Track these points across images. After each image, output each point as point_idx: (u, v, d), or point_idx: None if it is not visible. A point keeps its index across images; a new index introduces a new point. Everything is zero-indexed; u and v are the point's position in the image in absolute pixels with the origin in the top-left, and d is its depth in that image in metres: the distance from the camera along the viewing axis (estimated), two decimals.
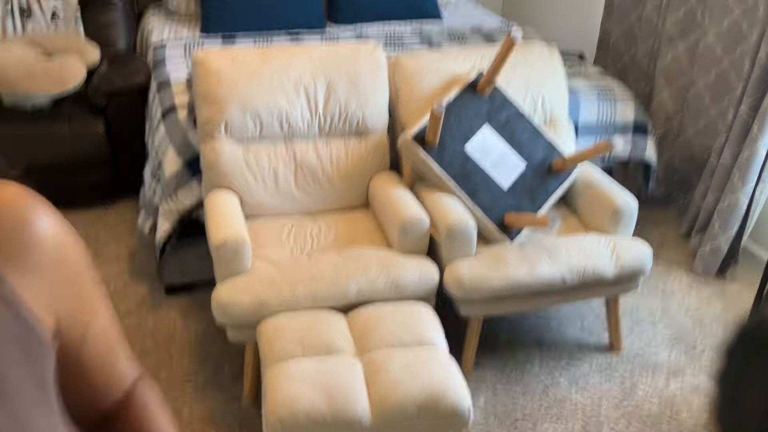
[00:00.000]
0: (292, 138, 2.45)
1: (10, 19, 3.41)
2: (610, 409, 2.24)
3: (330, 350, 1.86)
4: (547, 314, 2.69)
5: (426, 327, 1.95)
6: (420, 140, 2.32)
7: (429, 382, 1.75)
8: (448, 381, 1.76)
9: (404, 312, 2.00)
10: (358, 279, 2.09)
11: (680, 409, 2.26)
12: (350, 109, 2.46)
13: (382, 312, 2.00)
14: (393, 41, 3.43)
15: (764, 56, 2.69)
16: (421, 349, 1.87)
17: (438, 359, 1.83)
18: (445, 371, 1.79)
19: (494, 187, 2.36)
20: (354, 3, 3.75)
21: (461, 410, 1.73)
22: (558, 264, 2.20)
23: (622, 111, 2.95)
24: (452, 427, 1.76)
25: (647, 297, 2.82)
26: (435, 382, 1.75)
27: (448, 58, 2.57)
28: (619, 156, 2.99)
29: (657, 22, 3.40)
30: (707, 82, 3.09)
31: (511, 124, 2.46)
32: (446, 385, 1.75)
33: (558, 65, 2.68)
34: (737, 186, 2.80)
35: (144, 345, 2.46)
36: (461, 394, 1.75)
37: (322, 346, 1.86)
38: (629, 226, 2.37)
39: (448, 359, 1.85)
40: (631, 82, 3.67)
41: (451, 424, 1.75)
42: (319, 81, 2.43)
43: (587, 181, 2.49)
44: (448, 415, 1.73)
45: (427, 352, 1.86)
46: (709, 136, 3.16)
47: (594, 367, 2.42)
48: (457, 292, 2.16)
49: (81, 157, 3.21)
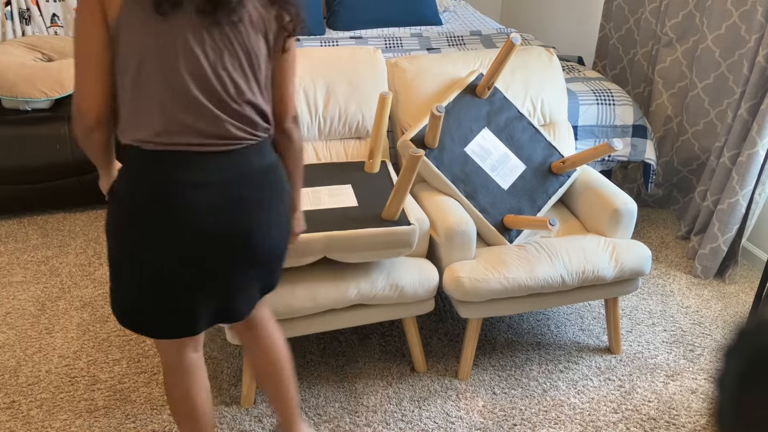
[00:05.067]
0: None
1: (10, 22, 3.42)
2: (609, 412, 2.24)
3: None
4: (547, 316, 2.69)
5: None
6: (420, 142, 2.33)
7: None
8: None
9: None
10: (357, 281, 2.10)
11: (679, 411, 2.26)
12: (350, 111, 2.46)
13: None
14: (392, 46, 3.44)
15: (763, 60, 2.69)
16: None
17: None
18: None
19: (494, 188, 2.37)
20: (353, 9, 3.76)
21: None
22: (557, 265, 2.20)
23: (621, 114, 2.96)
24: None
25: (646, 298, 2.82)
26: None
27: (448, 61, 2.58)
28: (619, 158, 3.00)
29: (655, 26, 3.40)
30: (706, 85, 3.10)
31: (510, 126, 2.47)
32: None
33: (557, 68, 2.68)
34: (736, 188, 2.81)
35: (143, 346, 2.46)
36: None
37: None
38: (629, 227, 2.37)
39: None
40: (630, 85, 3.67)
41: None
42: (318, 83, 2.43)
43: (587, 183, 2.49)
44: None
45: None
46: (708, 138, 3.17)
47: (593, 369, 2.42)
48: (456, 294, 2.16)
49: (80, 159, 3.22)
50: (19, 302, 2.70)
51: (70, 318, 2.61)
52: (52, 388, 2.27)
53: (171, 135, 1.37)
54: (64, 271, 2.88)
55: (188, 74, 1.35)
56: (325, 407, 2.22)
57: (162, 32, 1.32)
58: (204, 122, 1.39)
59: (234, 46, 1.39)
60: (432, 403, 2.25)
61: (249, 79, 1.44)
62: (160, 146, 1.38)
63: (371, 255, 2.04)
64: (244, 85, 1.42)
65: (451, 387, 2.32)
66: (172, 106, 1.36)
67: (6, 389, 2.26)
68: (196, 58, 1.35)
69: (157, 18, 1.31)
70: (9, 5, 3.38)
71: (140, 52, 1.33)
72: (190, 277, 1.44)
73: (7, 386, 2.28)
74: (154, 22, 1.31)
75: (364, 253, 2.02)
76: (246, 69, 1.42)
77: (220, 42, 1.37)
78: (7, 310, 2.65)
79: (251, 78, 1.44)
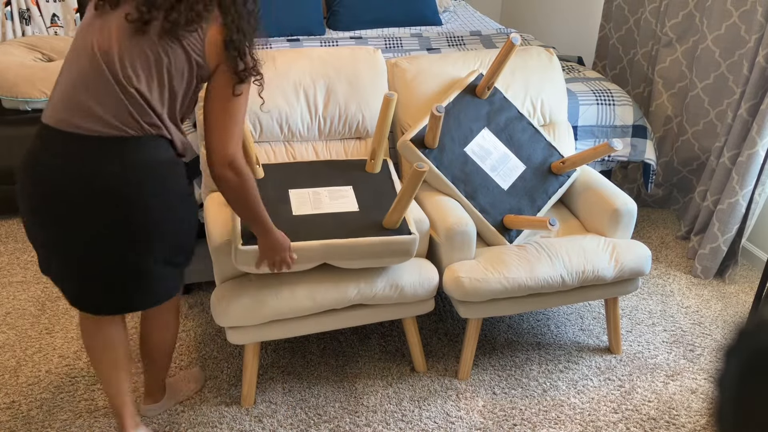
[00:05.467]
0: (292, 140, 2.45)
1: (10, 22, 3.42)
2: (609, 412, 2.24)
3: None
4: (547, 316, 2.70)
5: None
6: (420, 142, 2.33)
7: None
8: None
9: None
10: (357, 280, 2.10)
11: (679, 411, 2.26)
12: (350, 111, 2.46)
13: None
14: (392, 46, 3.44)
15: (762, 60, 2.70)
16: None
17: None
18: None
19: (494, 188, 2.37)
20: (353, 9, 3.76)
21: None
22: (557, 265, 2.20)
23: (621, 114, 2.96)
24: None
25: (646, 298, 2.83)
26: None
27: (448, 61, 2.58)
28: (619, 158, 3.00)
29: (655, 26, 3.40)
30: (706, 85, 3.10)
31: (510, 126, 2.47)
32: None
33: (557, 69, 2.68)
34: (736, 188, 2.81)
35: None
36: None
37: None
38: (628, 227, 2.37)
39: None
40: (630, 85, 3.67)
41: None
42: (318, 83, 2.43)
43: (587, 183, 2.49)
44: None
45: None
46: (708, 138, 3.17)
47: (593, 369, 2.42)
48: (456, 294, 2.16)
49: None
50: (19, 302, 2.70)
51: (70, 318, 2.61)
52: (53, 388, 2.27)
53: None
54: None
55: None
56: (325, 407, 2.22)
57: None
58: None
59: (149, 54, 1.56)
60: (432, 403, 2.25)
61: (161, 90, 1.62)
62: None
63: (371, 262, 2.04)
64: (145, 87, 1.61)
65: (451, 387, 2.32)
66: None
67: (6, 389, 2.26)
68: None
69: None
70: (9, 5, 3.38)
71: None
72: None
73: (7, 386, 2.28)
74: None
75: (364, 260, 2.03)
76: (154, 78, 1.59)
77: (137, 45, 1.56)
78: (7, 310, 2.65)
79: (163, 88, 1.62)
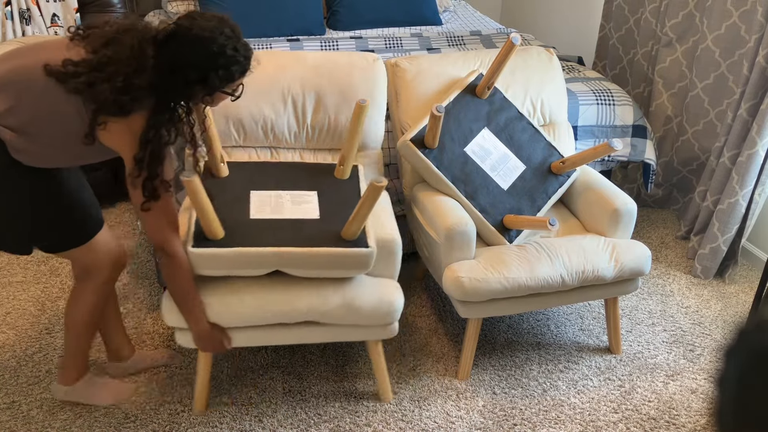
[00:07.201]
0: (278, 148, 2.40)
1: (10, 22, 3.41)
2: (609, 412, 2.24)
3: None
4: (547, 316, 2.70)
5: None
6: (419, 142, 2.33)
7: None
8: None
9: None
10: (309, 294, 2.01)
11: (679, 411, 2.26)
12: (339, 122, 2.37)
13: None
14: (392, 46, 3.44)
15: (762, 60, 2.70)
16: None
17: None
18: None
19: (494, 188, 2.37)
20: (353, 9, 3.76)
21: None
22: (557, 265, 2.20)
23: (621, 114, 2.96)
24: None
25: (646, 298, 2.83)
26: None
27: (447, 61, 2.57)
28: (619, 158, 3.00)
29: (655, 26, 3.40)
30: (706, 85, 3.10)
31: (510, 126, 2.47)
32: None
33: (557, 68, 2.68)
34: (736, 188, 2.81)
35: (143, 346, 2.46)
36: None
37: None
38: (628, 227, 2.37)
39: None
40: (630, 85, 3.67)
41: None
42: (308, 92, 2.36)
43: (587, 183, 2.49)
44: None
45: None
46: (708, 138, 3.17)
47: (593, 369, 2.42)
48: (456, 294, 2.16)
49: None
50: (19, 302, 2.70)
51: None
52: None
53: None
54: (64, 271, 2.88)
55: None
56: (325, 407, 2.22)
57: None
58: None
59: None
60: (432, 402, 2.25)
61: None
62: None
63: (326, 273, 1.97)
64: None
65: (451, 387, 2.32)
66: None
67: (6, 389, 2.26)
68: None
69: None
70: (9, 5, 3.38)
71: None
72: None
73: (8, 386, 2.28)
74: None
75: (319, 270, 1.96)
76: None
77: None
78: (7, 310, 2.65)
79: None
